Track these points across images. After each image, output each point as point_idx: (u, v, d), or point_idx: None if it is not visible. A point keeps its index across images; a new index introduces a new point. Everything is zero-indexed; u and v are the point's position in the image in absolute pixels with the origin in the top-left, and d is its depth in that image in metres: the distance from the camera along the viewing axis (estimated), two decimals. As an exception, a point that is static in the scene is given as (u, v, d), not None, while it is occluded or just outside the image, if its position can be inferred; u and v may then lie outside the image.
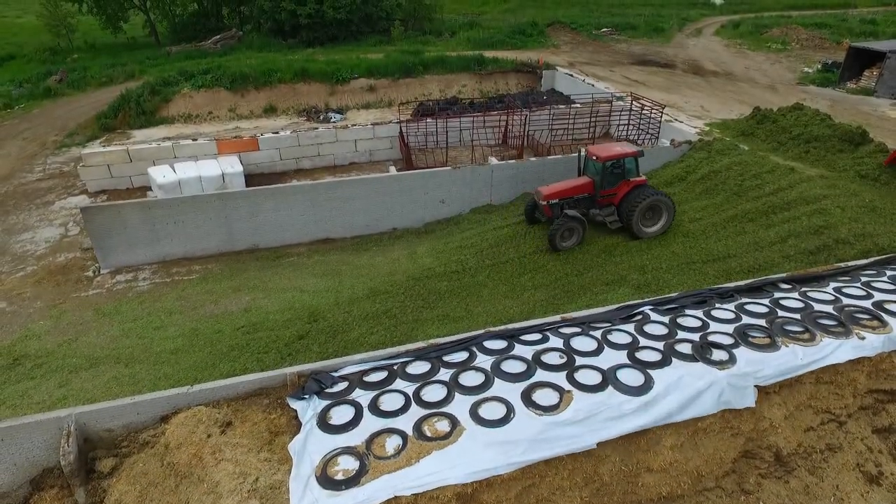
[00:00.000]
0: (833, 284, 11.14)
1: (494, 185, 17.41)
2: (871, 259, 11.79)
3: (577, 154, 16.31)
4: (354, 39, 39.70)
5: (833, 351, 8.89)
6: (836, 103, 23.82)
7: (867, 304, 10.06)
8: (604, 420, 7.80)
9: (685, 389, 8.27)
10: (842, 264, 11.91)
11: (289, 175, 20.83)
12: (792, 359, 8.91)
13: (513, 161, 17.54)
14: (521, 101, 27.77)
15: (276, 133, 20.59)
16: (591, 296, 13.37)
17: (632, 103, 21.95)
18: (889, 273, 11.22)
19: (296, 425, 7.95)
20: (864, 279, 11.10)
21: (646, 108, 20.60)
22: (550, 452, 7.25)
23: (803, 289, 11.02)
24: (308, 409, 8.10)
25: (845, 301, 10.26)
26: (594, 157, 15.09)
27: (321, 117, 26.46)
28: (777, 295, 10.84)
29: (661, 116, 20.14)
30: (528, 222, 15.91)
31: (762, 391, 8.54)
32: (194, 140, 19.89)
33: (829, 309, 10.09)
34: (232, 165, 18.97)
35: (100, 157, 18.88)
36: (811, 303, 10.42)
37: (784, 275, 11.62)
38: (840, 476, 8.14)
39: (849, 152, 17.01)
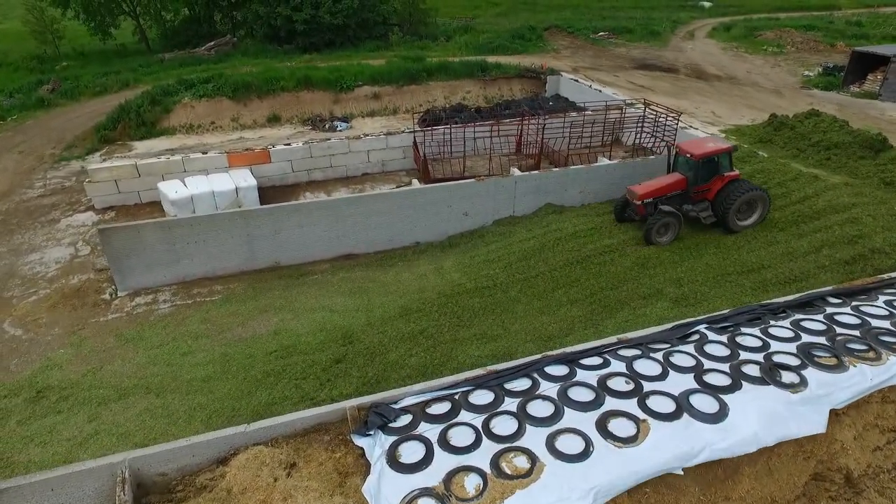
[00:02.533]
0: (883, 298, 11.06)
1: (517, 197, 17.15)
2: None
3: (594, 162, 16.24)
4: (352, 45, 39.25)
5: (903, 370, 8.77)
6: (843, 108, 24.01)
7: (929, 319, 9.96)
8: (686, 451, 7.54)
9: (762, 415, 8.06)
10: (885, 276, 11.83)
11: (301, 187, 20.37)
12: (862, 380, 8.76)
13: (536, 172, 17.29)
14: (529, 107, 27.61)
15: (288, 144, 20.11)
16: (628, 310, 13.18)
17: (645, 110, 21.84)
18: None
19: (363, 464, 7.62)
20: (919, 293, 11.01)
21: (661, 114, 20.50)
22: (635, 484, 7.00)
23: (854, 303, 10.91)
24: (375, 445, 7.75)
25: (908, 318, 10.11)
26: (688, 155, 15.15)
27: (326, 126, 26.01)
28: (829, 310, 10.72)
29: (678, 124, 20.06)
30: (618, 220, 16.41)
31: (832, 412, 8.39)
32: (204, 153, 19.33)
33: (887, 325, 9.99)
34: (245, 179, 18.45)
35: (107, 172, 18.24)
36: (866, 318, 10.32)
37: (831, 288, 11.51)
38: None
39: (870, 159, 17.07)
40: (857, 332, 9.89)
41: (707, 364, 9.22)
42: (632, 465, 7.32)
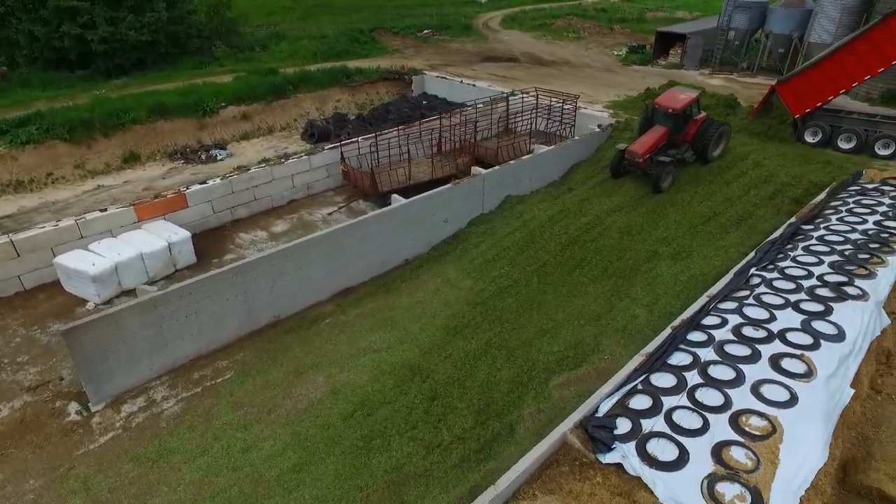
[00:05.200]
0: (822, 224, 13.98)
1: (486, 194, 17.29)
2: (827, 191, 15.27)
3: (521, 152, 19.46)
4: (167, 63, 34.15)
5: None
6: (664, 76, 28.98)
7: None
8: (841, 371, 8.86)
9: (858, 323, 9.83)
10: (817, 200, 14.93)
11: (227, 230, 17.48)
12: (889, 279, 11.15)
13: (497, 167, 17.58)
14: (409, 108, 27.55)
15: (205, 183, 17.03)
16: (642, 274, 14.44)
17: (537, 97, 23.59)
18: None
19: (627, 479, 7.36)
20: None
21: (559, 100, 22.39)
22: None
23: (818, 222, 13.68)
24: (626, 456, 7.58)
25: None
26: (670, 109, 17.57)
27: (202, 156, 22.52)
28: (817, 233, 13.27)
29: (576, 107, 22.16)
30: (615, 177, 18.50)
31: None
32: (103, 211, 15.30)
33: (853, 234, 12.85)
34: (175, 232, 15.21)
35: (-37, 260, 13.38)
36: (846, 231, 13.10)
37: (794, 218, 14.16)
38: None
39: (732, 115, 21.14)
40: (848, 246, 12.46)
41: (792, 297, 10.76)
42: (834, 400, 8.36)
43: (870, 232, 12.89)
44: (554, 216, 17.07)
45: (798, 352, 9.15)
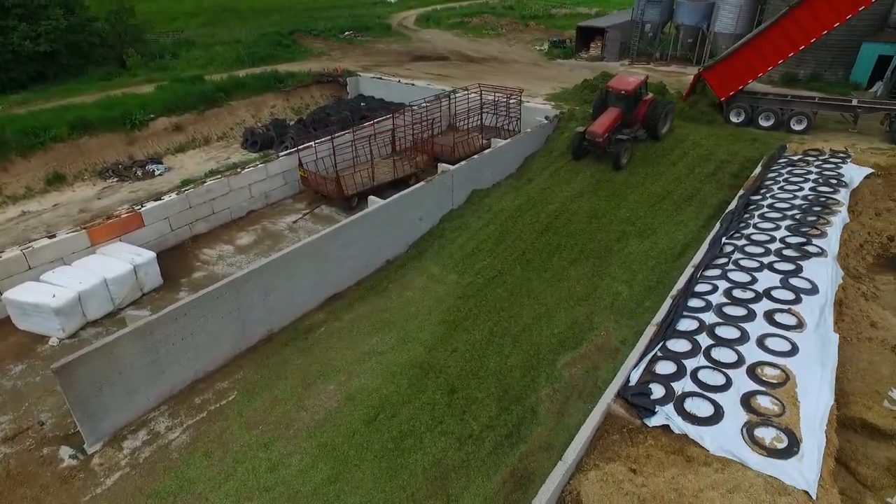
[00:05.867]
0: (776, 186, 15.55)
1: (455, 190, 17.53)
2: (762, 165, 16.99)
3: (475, 147, 20.61)
4: (70, 75, 31.35)
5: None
6: (592, 69, 30.62)
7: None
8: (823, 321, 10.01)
9: (826, 276, 11.12)
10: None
11: (187, 246, 16.47)
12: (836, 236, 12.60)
13: (464, 163, 17.84)
14: (350, 110, 27.15)
15: (160, 199, 15.92)
16: (615, 253, 15.33)
17: (481, 93, 24.15)
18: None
19: (675, 437, 7.94)
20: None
21: (504, 95, 23.07)
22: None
23: (762, 191, 15.14)
24: (670, 417, 8.16)
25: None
26: (622, 91, 19.11)
27: (138, 172, 21.00)
28: (766, 202, 14.68)
29: (520, 101, 22.93)
30: (576, 158, 19.71)
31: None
32: (51, 237, 13.90)
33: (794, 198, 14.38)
34: (138, 254, 14.14)
35: None
36: (788, 197, 14.59)
37: (743, 191, 15.61)
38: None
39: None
40: (796, 211, 13.95)
41: (765, 260, 11.93)
42: (825, 345, 9.43)
43: (809, 197, 14.52)
44: (521, 206, 17.66)
45: (785, 307, 10.22)
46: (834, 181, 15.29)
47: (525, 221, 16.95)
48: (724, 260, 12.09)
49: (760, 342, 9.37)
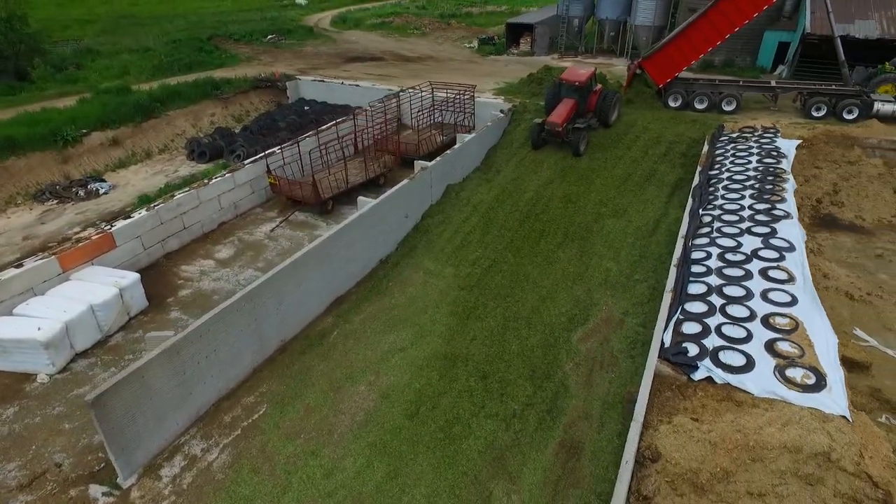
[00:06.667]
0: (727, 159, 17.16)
1: (433, 186, 17.78)
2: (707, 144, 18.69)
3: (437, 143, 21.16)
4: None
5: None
6: (525, 64, 31.88)
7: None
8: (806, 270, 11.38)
9: (799, 233, 12.59)
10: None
11: (162, 265, 15.52)
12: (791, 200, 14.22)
13: (439, 158, 18.09)
14: (296, 114, 26.51)
15: (130, 217, 14.87)
16: (596, 233, 16.32)
17: (433, 91, 24.50)
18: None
19: (720, 387, 8.81)
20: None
21: (456, 92, 23.56)
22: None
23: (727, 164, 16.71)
24: (712, 369, 9.03)
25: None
26: (576, 83, 20.19)
27: (80, 192, 19.38)
28: (728, 171, 16.16)
29: (473, 97, 23.52)
30: (536, 147, 20.64)
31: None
32: (18, 266, 12.59)
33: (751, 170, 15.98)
34: (122, 276, 13.19)
35: None
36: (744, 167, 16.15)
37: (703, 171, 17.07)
38: None
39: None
40: (752, 181, 15.50)
41: (742, 226, 13.25)
42: (814, 294, 10.75)
43: (759, 168, 16.24)
44: (498, 197, 18.25)
45: (774, 264, 11.51)
46: (774, 153, 17.17)
47: (505, 211, 17.55)
48: (706, 229, 13.32)
49: (764, 296, 10.52)
